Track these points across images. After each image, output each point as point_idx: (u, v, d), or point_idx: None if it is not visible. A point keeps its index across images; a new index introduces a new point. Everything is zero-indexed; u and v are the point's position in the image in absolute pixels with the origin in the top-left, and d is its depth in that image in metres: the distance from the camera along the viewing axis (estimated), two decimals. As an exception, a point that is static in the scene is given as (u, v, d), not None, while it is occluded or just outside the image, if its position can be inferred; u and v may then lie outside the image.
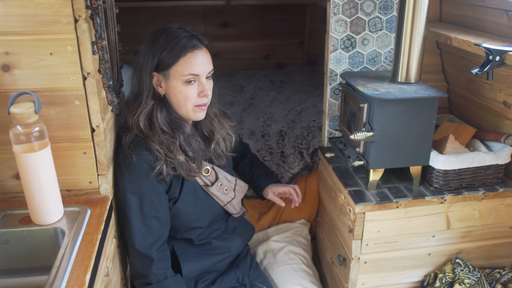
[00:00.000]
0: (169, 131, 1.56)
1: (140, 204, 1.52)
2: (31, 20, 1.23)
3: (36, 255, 1.36)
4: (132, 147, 1.51)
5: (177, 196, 1.62)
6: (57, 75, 1.30)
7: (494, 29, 1.85)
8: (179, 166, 1.55)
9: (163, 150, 1.52)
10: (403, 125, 1.71)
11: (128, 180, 1.51)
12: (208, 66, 1.56)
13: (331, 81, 2.10)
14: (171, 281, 1.55)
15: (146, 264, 1.53)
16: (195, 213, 1.67)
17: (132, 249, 1.53)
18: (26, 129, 1.21)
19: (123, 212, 1.54)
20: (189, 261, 1.68)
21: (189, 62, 1.50)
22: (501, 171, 1.84)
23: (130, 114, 1.56)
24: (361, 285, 1.91)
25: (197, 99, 1.54)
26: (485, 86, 1.99)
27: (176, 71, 1.51)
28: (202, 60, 1.53)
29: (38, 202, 1.29)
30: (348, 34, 2.03)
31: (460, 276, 1.82)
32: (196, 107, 1.56)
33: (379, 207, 1.77)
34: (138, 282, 1.57)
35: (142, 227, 1.53)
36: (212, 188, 1.68)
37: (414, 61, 1.74)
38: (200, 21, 4.09)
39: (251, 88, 3.62)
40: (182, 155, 1.55)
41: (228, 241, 1.79)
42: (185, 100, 1.54)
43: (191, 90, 1.53)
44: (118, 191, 1.55)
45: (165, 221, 1.58)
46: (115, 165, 1.57)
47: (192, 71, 1.51)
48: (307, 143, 2.47)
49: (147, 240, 1.53)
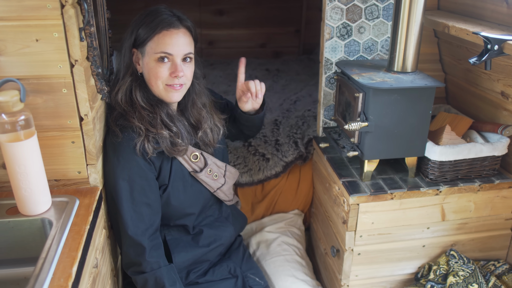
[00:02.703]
0: (149, 107, 1.55)
1: (131, 191, 1.51)
2: (16, 5, 1.19)
3: (23, 246, 1.34)
4: (118, 124, 1.51)
5: (167, 182, 1.60)
6: (43, 62, 1.27)
7: (493, 17, 1.82)
8: (162, 141, 1.53)
9: (144, 125, 1.51)
10: (399, 115, 1.68)
11: (117, 167, 1.50)
12: (184, 48, 1.52)
13: (326, 70, 2.07)
14: (165, 270, 1.54)
15: (139, 252, 1.52)
16: (185, 200, 1.66)
17: (124, 237, 1.52)
18: (11, 118, 1.18)
19: (114, 200, 1.52)
20: (180, 251, 1.67)
21: (162, 40, 1.48)
22: (498, 162, 1.82)
23: (112, 92, 1.56)
24: (354, 276, 1.90)
25: (168, 78, 1.52)
26: (482, 76, 1.97)
27: (150, 48, 1.50)
28: (177, 40, 1.50)
29: (25, 192, 1.26)
30: (344, 22, 1.99)
31: (455, 268, 1.81)
32: (167, 86, 1.53)
33: (373, 198, 1.75)
34: (131, 271, 1.55)
35: (133, 214, 1.51)
36: (201, 174, 1.66)
37: (411, 50, 1.71)
38: (195, 8, 4.04)
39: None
40: (165, 130, 1.53)
41: (220, 230, 1.78)
42: (155, 78, 1.52)
43: (162, 69, 1.50)
44: (108, 180, 1.53)
45: (156, 209, 1.57)
46: (104, 153, 1.55)
47: (165, 49, 1.48)
48: (302, 132, 2.45)
49: (138, 228, 1.52)
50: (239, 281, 1.77)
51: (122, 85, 1.54)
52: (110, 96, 1.55)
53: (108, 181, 1.53)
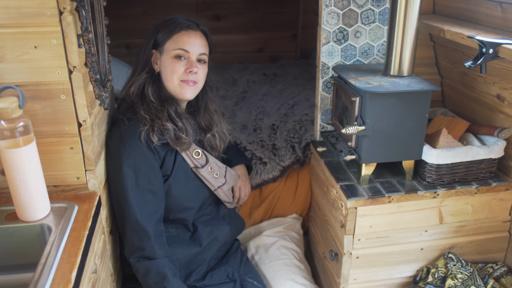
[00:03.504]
0: (158, 102, 1.63)
1: (136, 178, 1.55)
2: (14, 12, 1.20)
3: (22, 252, 1.33)
4: (126, 115, 1.59)
5: (169, 173, 1.65)
6: (42, 69, 1.27)
7: (488, 21, 1.83)
8: (167, 132, 1.59)
9: (150, 116, 1.58)
10: (396, 119, 1.69)
11: (123, 154, 1.54)
12: (200, 48, 1.63)
13: (323, 74, 2.08)
14: (167, 261, 1.57)
15: (143, 237, 1.55)
16: (186, 193, 1.69)
17: (129, 222, 1.55)
18: (10, 124, 1.18)
19: (119, 188, 1.55)
20: (177, 248, 1.69)
21: (181, 38, 1.61)
22: (495, 165, 1.83)
23: (125, 86, 1.68)
24: (353, 280, 1.90)
25: (184, 74, 1.61)
26: (478, 79, 1.98)
27: (169, 46, 1.61)
28: (194, 40, 1.62)
29: (24, 198, 1.26)
30: (340, 27, 2.01)
31: (453, 271, 1.82)
32: (182, 82, 1.62)
33: (371, 201, 1.76)
34: (134, 257, 1.57)
35: (139, 200, 1.55)
36: (202, 170, 1.70)
37: (407, 54, 1.72)
38: (192, 13, 4.04)
39: (244, 81, 3.59)
40: (170, 123, 1.60)
41: (216, 227, 1.80)
42: (171, 73, 1.61)
43: (178, 65, 1.61)
44: (113, 170, 1.58)
45: (160, 196, 1.61)
46: (108, 146, 1.59)
47: (182, 46, 1.60)
48: (299, 137, 2.45)
49: (144, 213, 1.56)
50: (237, 285, 1.78)
51: (136, 80, 1.64)
52: (108, 103, 1.58)
53: (113, 171, 1.57)
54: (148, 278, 1.55)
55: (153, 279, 1.54)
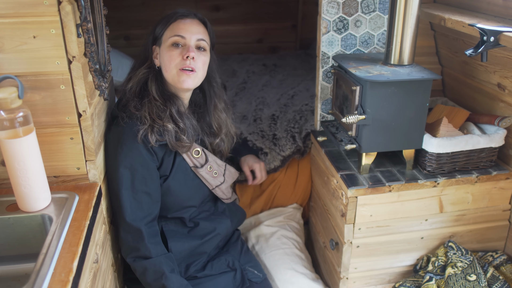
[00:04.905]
0: (161, 100, 1.59)
1: (132, 179, 1.54)
2: (13, 2, 1.19)
3: (23, 242, 1.34)
4: (124, 113, 1.56)
5: (168, 173, 1.63)
6: (41, 59, 1.27)
7: (489, 9, 1.82)
8: (166, 134, 1.56)
9: (151, 115, 1.55)
10: (396, 108, 1.69)
11: (120, 154, 1.52)
12: (197, 34, 1.59)
13: (323, 64, 2.07)
14: (163, 258, 1.56)
15: (137, 237, 1.54)
16: (185, 192, 1.68)
17: (122, 223, 1.55)
18: (10, 115, 1.18)
19: (115, 188, 1.54)
20: (176, 241, 1.68)
21: (177, 26, 1.58)
22: (495, 154, 1.83)
23: (124, 80, 1.65)
24: (353, 269, 1.91)
25: (181, 62, 1.56)
26: (479, 68, 1.97)
27: (166, 36, 1.58)
28: (190, 26, 1.58)
29: (25, 188, 1.26)
30: (340, 16, 2.00)
31: (453, 260, 1.82)
32: (180, 71, 1.56)
33: (371, 191, 1.76)
34: (130, 257, 1.57)
35: (133, 201, 1.54)
36: (201, 170, 1.68)
37: (407, 43, 1.71)
38: (191, 4, 4.02)
39: (244, 72, 3.58)
40: (172, 124, 1.57)
41: (216, 222, 1.79)
42: (169, 61, 1.57)
43: (175, 52, 1.56)
44: (110, 169, 1.56)
45: (155, 198, 1.59)
46: (105, 145, 1.57)
47: (178, 32, 1.56)
48: (300, 127, 2.45)
49: (137, 215, 1.54)
50: (237, 274, 1.78)
51: (135, 75, 1.61)
52: (108, 93, 1.57)
53: (110, 170, 1.56)
54: (146, 277, 1.55)
55: (151, 277, 1.54)
